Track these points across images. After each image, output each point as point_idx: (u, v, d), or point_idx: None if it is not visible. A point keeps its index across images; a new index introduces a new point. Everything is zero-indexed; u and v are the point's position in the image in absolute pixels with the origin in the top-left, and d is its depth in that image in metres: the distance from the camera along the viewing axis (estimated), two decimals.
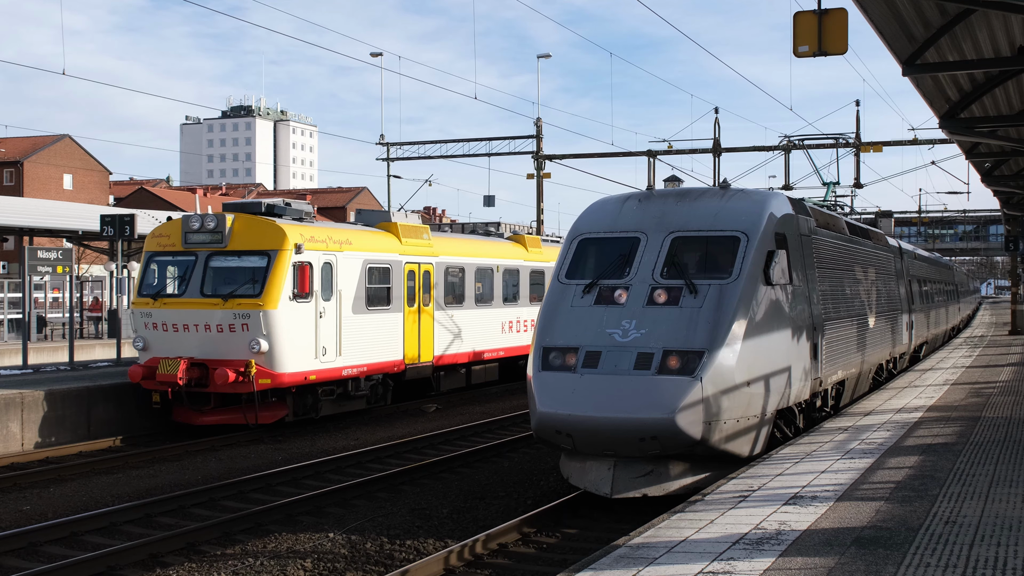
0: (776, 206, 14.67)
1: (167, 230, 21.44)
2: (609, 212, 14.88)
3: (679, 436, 12.11)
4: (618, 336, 12.95)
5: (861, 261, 20.03)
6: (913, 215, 76.59)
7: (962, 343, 37.87)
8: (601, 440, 12.41)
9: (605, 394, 12.41)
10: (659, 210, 14.43)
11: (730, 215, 14.10)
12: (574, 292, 13.85)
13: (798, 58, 13.58)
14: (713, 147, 42.40)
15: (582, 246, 14.60)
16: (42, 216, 40.33)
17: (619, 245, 14.20)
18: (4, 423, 19.08)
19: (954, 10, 13.70)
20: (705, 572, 7.36)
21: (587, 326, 13.27)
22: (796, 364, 14.36)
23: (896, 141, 41.31)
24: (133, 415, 21.51)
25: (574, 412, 12.46)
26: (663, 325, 12.89)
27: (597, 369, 12.70)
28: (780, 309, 13.95)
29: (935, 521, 8.87)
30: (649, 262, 13.74)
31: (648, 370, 12.45)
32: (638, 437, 12.16)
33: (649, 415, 12.07)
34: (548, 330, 13.54)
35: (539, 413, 12.79)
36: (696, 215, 14.18)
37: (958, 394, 19.47)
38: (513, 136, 46.94)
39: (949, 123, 19.08)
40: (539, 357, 13.24)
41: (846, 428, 14.97)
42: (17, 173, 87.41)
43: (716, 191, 14.84)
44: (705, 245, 13.88)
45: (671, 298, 13.16)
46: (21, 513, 14.60)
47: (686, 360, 12.46)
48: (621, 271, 13.83)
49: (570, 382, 12.74)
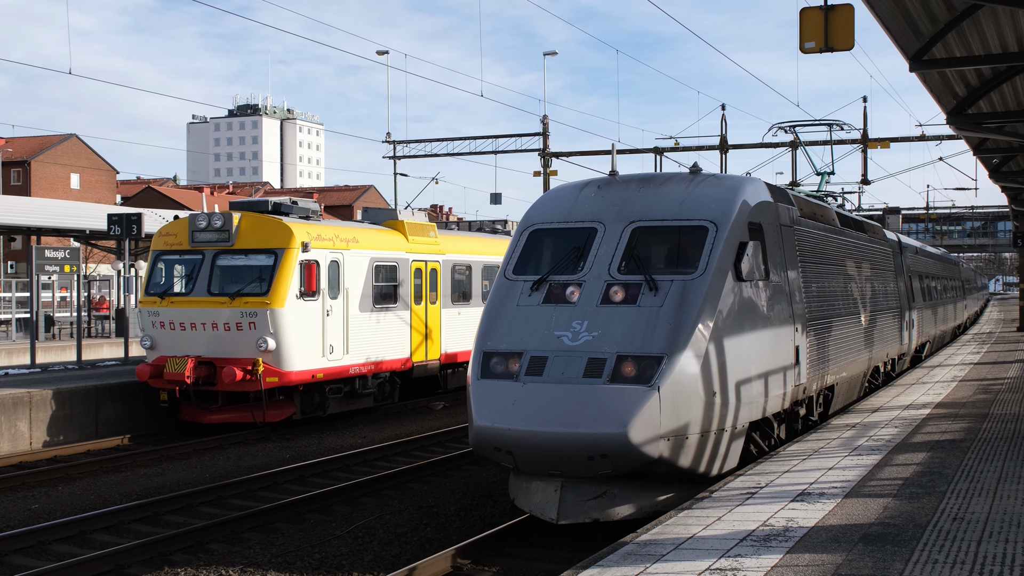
0: (750, 193, 13.23)
1: (174, 229, 21.48)
2: (565, 200, 13.42)
3: (633, 454, 10.74)
4: (567, 339, 11.57)
5: (853, 255, 18.60)
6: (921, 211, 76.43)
7: (970, 339, 37.80)
8: (545, 458, 11.04)
9: (550, 406, 11.04)
10: (619, 197, 13.00)
11: (697, 203, 12.65)
12: (521, 290, 12.43)
13: (805, 54, 13.54)
14: (720, 144, 42.34)
15: (533, 238, 13.14)
16: (49, 215, 40.44)
17: (573, 237, 12.75)
18: (12, 422, 19.13)
19: (961, 5, 13.66)
20: (713, 569, 7.35)
21: (533, 328, 11.87)
22: (773, 369, 12.99)
23: (903, 137, 41.19)
24: (141, 414, 21.55)
25: (514, 426, 11.06)
26: (618, 327, 11.50)
27: (542, 377, 11.30)
28: (754, 308, 12.55)
29: (943, 518, 8.85)
30: (606, 255, 12.31)
31: (599, 378, 11.06)
32: (586, 455, 10.78)
33: (598, 430, 10.71)
34: (490, 332, 12.16)
35: (476, 427, 11.40)
36: (660, 203, 12.74)
37: (966, 391, 19.43)
38: (520, 134, 46.93)
39: (956, 119, 19.02)
40: (478, 363, 11.86)
41: (854, 425, 14.95)
42: (25, 173, 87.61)
43: (684, 176, 13.42)
44: (669, 236, 12.48)
45: (628, 296, 11.77)
46: (30, 512, 14.63)
47: (643, 367, 11.08)
48: (574, 266, 12.39)
49: (511, 392, 11.35)
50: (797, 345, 13.86)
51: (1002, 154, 25.37)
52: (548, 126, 46.11)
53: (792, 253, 14.32)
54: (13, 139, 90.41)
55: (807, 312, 14.50)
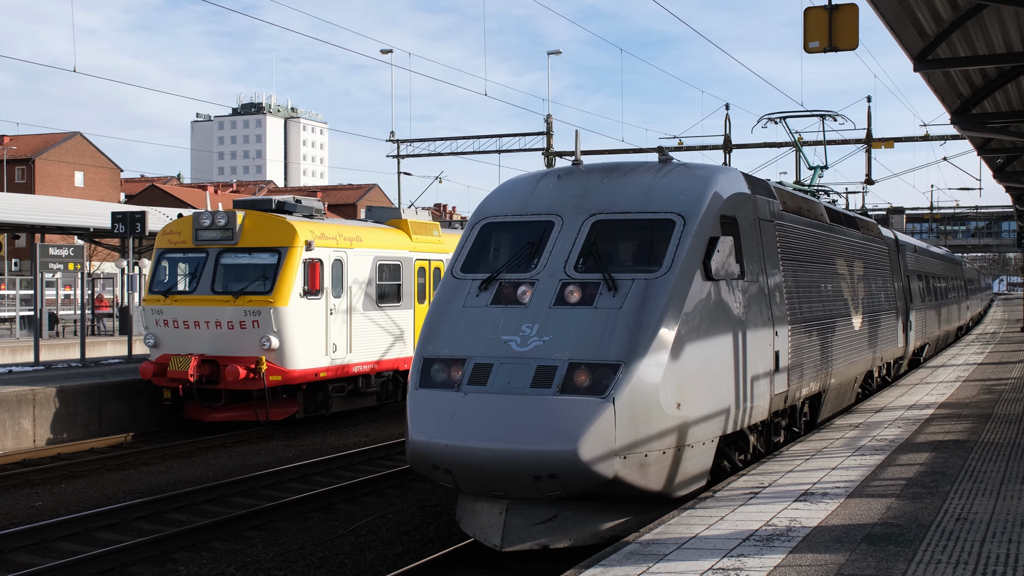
0: (724, 183, 12.07)
1: (178, 227, 21.49)
2: (521, 191, 12.29)
3: (584, 473, 9.66)
4: (515, 345, 10.50)
5: (844, 253, 17.42)
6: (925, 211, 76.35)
7: (974, 340, 37.75)
8: (487, 478, 9.96)
9: (492, 419, 9.98)
10: (580, 188, 11.90)
11: (664, 194, 11.55)
12: (468, 289, 11.35)
13: (809, 54, 13.53)
14: (724, 143, 42.32)
15: (484, 233, 12.05)
16: (54, 213, 40.48)
17: (528, 231, 11.66)
18: (16, 419, 19.15)
19: (966, 5, 13.64)
20: (716, 568, 7.35)
21: (479, 332, 10.80)
22: (749, 377, 11.88)
23: (907, 137, 41.18)
24: (144, 412, 21.57)
25: (453, 442, 10.00)
26: (572, 331, 10.42)
27: (486, 387, 10.24)
28: (726, 309, 11.44)
29: (946, 518, 8.84)
30: (562, 252, 11.21)
31: (548, 388, 9.99)
32: (532, 475, 9.71)
33: (545, 447, 9.64)
34: (431, 336, 11.08)
35: (411, 442, 10.36)
36: (623, 194, 11.67)
37: (969, 391, 19.40)
38: (524, 133, 46.96)
39: (961, 119, 18.99)
40: (417, 371, 10.82)
41: (857, 425, 14.94)
42: (29, 170, 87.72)
43: (651, 165, 12.23)
44: (632, 231, 11.44)
45: (585, 297, 10.69)
46: (33, 509, 14.65)
47: (597, 376, 10.01)
48: (528, 263, 11.30)
49: (451, 403, 10.28)
50: (777, 350, 12.78)
51: (1006, 154, 25.33)
52: (552, 125, 46.11)
53: (773, 250, 13.27)
54: (17, 137, 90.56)
55: (789, 314, 13.44)
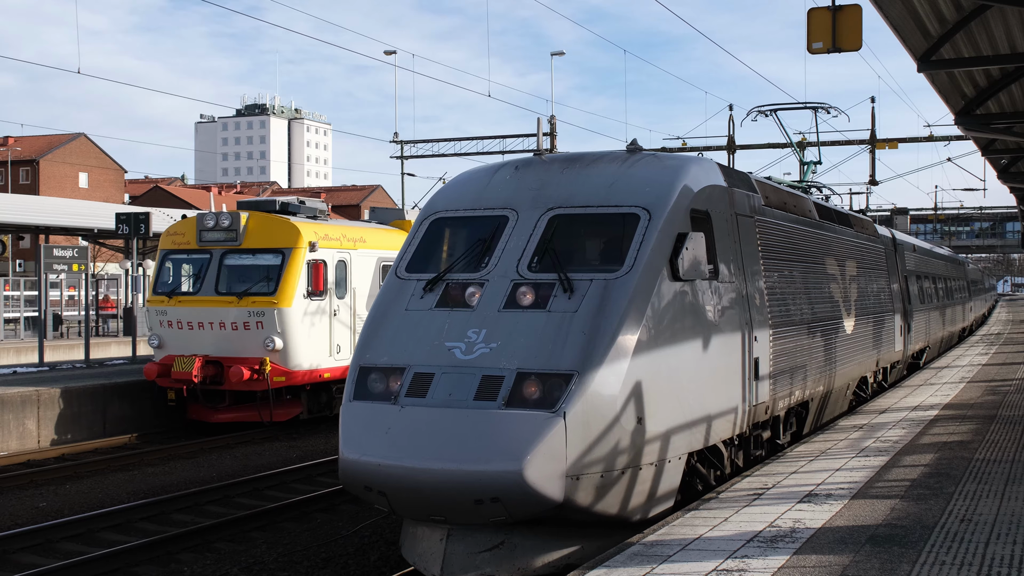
0: (696, 175, 11.06)
1: (182, 228, 21.51)
2: (475, 184, 11.31)
3: (530, 497, 8.70)
4: (459, 352, 9.55)
5: (835, 252, 16.43)
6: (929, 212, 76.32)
7: (978, 340, 37.70)
8: (424, 502, 9.02)
9: (430, 435, 9.06)
10: (538, 180, 10.88)
11: (629, 186, 10.56)
12: (412, 291, 10.37)
13: (812, 55, 13.52)
14: (728, 144, 42.32)
15: (434, 229, 11.07)
16: (58, 214, 40.48)
17: (481, 227, 10.69)
18: (21, 420, 19.17)
19: (969, 6, 13.63)
20: (719, 570, 7.34)
21: (421, 338, 9.85)
22: (723, 387, 10.91)
23: (911, 138, 41.18)
24: (148, 413, 21.59)
25: (386, 461, 9.06)
26: (522, 337, 9.45)
27: (425, 399, 9.31)
28: (696, 312, 10.45)
29: (951, 519, 8.83)
30: (516, 249, 10.23)
31: (493, 401, 9.05)
32: (473, 498, 8.78)
33: (487, 467, 8.71)
34: (370, 343, 10.11)
35: (342, 460, 9.41)
36: (585, 186, 10.65)
37: (974, 392, 19.38)
38: (528, 134, 46.90)
39: (965, 120, 18.99)
40: (353, 381, 9.88)
41: (861, 426, 14.92)
42: (33, 172, 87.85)
43: (618, 155, 11.23)
44: (593, 226, 10.49)
45: (539, 299, 9.73)
46: (37, 510, 14.67)
47: (548, 387, 9.07)
48: (478, 262, 10.33)
49: (386, 418, 9.36)
50: (756, 357, 11.81)
51: (1011, 155, 25.33)
52: (556, 126, 46.10)
53: (752, 248, 12.28)
54: (22, 138, 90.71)
55: (771, 317, 12.46)
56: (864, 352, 17.72)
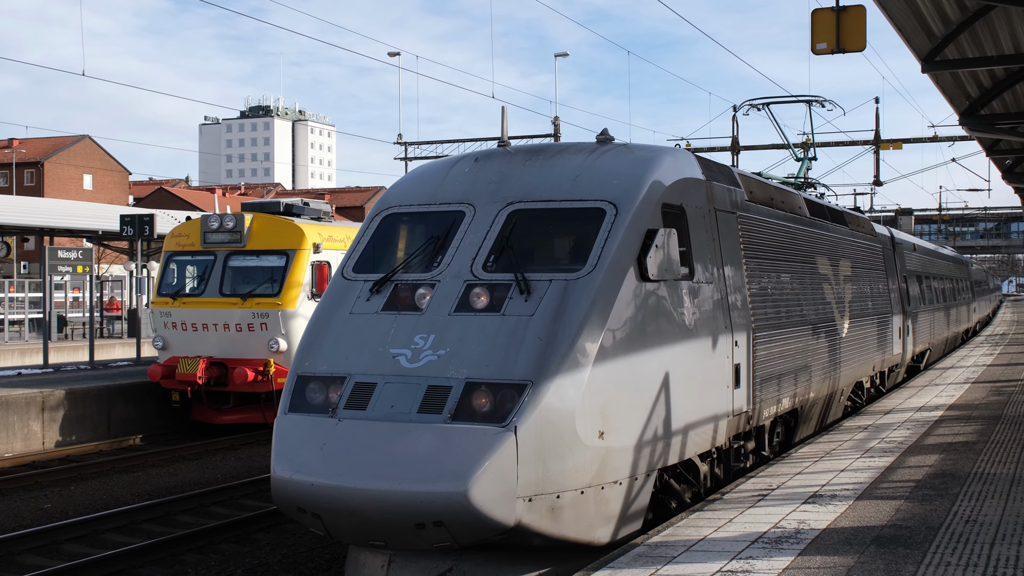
0: (669, 166, 10.25)
1: (186, 230, 21.53)
2: (431, 178, 10.51)
3: (477, 521, 7.96)
4: (405, 360, 8.81)
5: (827, 251, 15.66)
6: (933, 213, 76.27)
7: (983, 341, 37.65)
8: (362, 525, 8.31)
9: (368, 452, 8.33)
10: (498, 173, 10.11)
11: (595, 178, 9.79)
12: (358, 293, 9.65)
13: (816, 55, 13.51)
14: (732, 145, 42.28)
15: (385, 226, 10.33)
16: (62, 216, 40.56)
17: (435, 223, 9.93)
18: (25, 422, 19.19)
19: (974, 6, 13.61)
20: (724, 571, 7.33)
21: (365, 344, 9.11)
22: (698, 396, 10.14)
23: (916, 138, 41.09)
24: (152, 414, 21.60)
25: (319, 480, 8.31)
26: (473, 343, 8.71)
27: (365, 411, 8.58)
28: (667, 315, 9.65)
29: (955, 520, 8.82)
30: (470, 247, 9.48)
31: (438, 414, 8.33)
32: (414, 522, 8.05)
33: (429, 488, 7.95)
34: (310, 350, 9.37)
35: (273, 479, 8.66)
36: (548, 179, 9.87)
37: (979, 392, 19.35)
38: (531, 135, 46.93)
39: (969, 120, 18.96)
40: (290, 392, 9.16)
41: (865, 427, 14.91)
42: (38, 173, 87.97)
43: (585, 146, 10.47)
44: (555, 222, 9.72)
45: (493, 301, 8.98)
46: (42, 511, 14.68)
47: (499, 398, 8.33)
48: (431, 261, 9.59)
49: (322, 432, 8.61)
50: (737, 363, 11.05)
51: (1015, 155, 25.29)
52: (559, 127, 46.10)
53: (733, 246, 11.50)
54: (27, 140, 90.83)
55: (754, 320, 11.68)
56: (859, 356, 17.02)
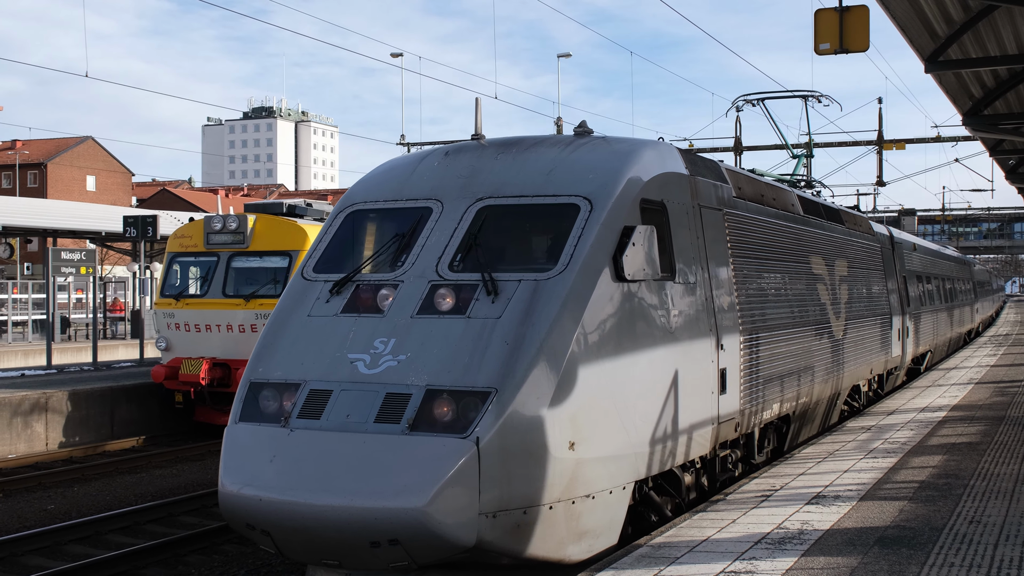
0: (649, 160, 9.74)
1: (189, 231, 21.54)
2: (399, 173, 10.01)
3: (435, 539, 7.43)
4: (363, 365, 8.30)
5: (822, 250, 15.14)
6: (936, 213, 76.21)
7: (986, 342, 37.62)
8: (313, 544, 7.81)
9: (321, 465, 7.80)
10: (469, 167, 9.62)
11: (570, 173, 9.28)
12: (317, 294, 9.13)
13: (820, 56, 13.50)
14: (735, 145, 42.23)
15: (349, 223, 9.83)
16: (65, 217, 40.62)
17: (401, 220, 9.42)
18: (29, 423, 19.20)
19: (977, 6, 13.60)
20: (727, 571, 7.32)
21: (322, 349, 8.59)
22: (680, 403, 9.58)
23: (919, 139, 41.00)
24: (156, 415, 21.61)
25: (268, 495, 7.79)
26: (436, 347, 8.20)
27: (319, 421, 8.07)
28: (645, 318, 9.10)
29: (959, 520, 8.80)
30: (437, 246, 8.98)
31: (397, 424, 7.82)
32: (368, 540, 7.55)
33: (384, 503, 7.43)
34: (264, 355, 8.86)
35: (221, 493, 8.16)
36: (520, 173, 9.37)
37: (982, 393, 19.33)
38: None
39: (973, 120, 18.95)
40: (242, 399, 8.68)
41: (869, 428, 14.89)
42: (41, 175, 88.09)
43: (561, 139, 9.97)
44: (526, 218, 9.21)
45: (459, 303, 8.47)
46: (45, 512, 14.69)
47: (462, 407, 7.81)
48: (394, 261, 9.10)
49: (273, 443, 8.10)
50: (723, 368, 10.53)
51: (1019, 155, 25.27)
52: (562, 128, 46.10)
53: (720, 244, 10.97)
54: (30, 141, 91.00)
55: (742, 323, 11.17)
56: (856, 359, 16.51)
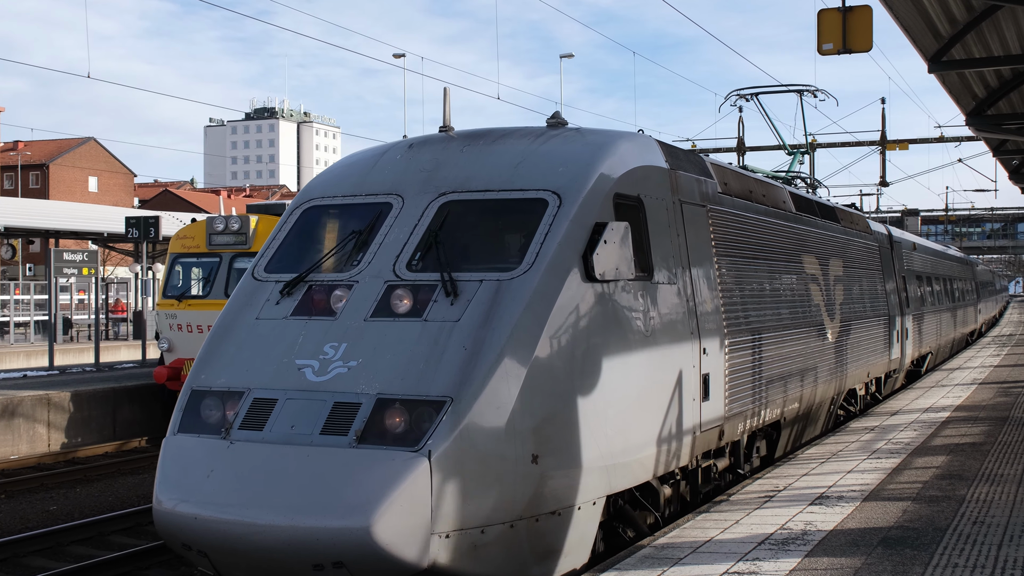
0: (626, 153, 9.18)
1: (191, 232, 21.54)
2: (360, 166, 9.44)
3: (383, 562, 6.84)
4: (311, 372, 7.72)
5: (815, 249, 14.51)
6: (940, 213, 76.13)
7: (990, 342, 37.58)
8: (254, 566, 7.19)
9: (262, 481, 7.19)
10: (433, 160, 9.04)
11: (539, 166, 8.70)
12: (268, 295, 8.54)
13: (823, 56, 13.48)
14: (737, 146, 42.22)
15: (305, 220, 9.25)
16: (67, 218, 40.60)
17: (359, 216, 8.83)
18: (31, 424, 19.20)
19: (980, 6, 13.58)
20: (730, 572, 7.30)
21: (269, 354, 8.01)
22: (657, 411, 8.99)
23: (922, 139, 41.02)
24: (158, 416, 21.59)
25: (205, 513, 7.18)
26: (389, 352, 7.63)
27: (262, 432, 7.47)
28: (619, 320, 8.50)
29: (963, 521, 8.78)
30: (395, 243, 8.40)
31: (344, 435, 7.22)
32: (311, 563, 6.96)
33: (327, 523, 6.83)
34: (208, 361, 8.26)
35: (155, 511, 7.55)
36: (486, 167, 8.79)
37: (986, 393, 19.30)
38: None
39: (976, 120, 18.93)
40: (181, 409, 8.04)
41: (872, 428, 14.87)
42: (43, 176, 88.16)
43: (532, 130, 9.35)
44: (491, 215, 8.62)
45: (417, 305, 7.89)
46: (48, 513, 14.69)
47: (415, 417, 7.22)
48: (350, 259, 8.52)
49: (212, 457, 7.50)
50: (706, 373, 9.92)
51: (1022, 155, 25.24)
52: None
53: (703, 242, 10.37)
54: (32, 142, 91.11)
55: (727, 325, 10.59)
56: (851, 361, 16.00)
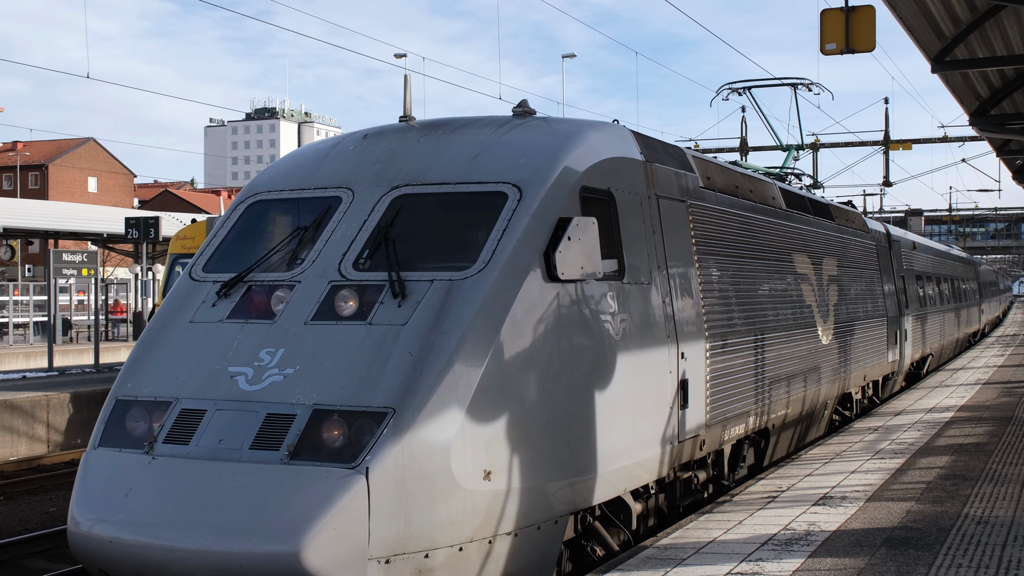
0: (595, 143, 8.62)
1: (191, 232, 21.50)
2: (310, 159, 8.90)
3: None
4: (244, 380, 7.13)
5: (807, 248, 13.96)
6: (943, 213, 76.12)
7: (993, 342, 37.55)
8: None
9: (183, 501, 6.61)
10: (387, 151, 8.52)
11: (500, 157, 8.14)
12: (204, 297, 7.95)
13: (825, 56, 13.45)
14: (740, 146, 42.21)
15: (249, 216, 8.65)
16: (67, 219, 40.64)
17: (306, 211, 8.27)
18: (30, 425, 19.16)
19: (983, 6, 13.54)
20: (734, 573, 7.26)
21: (201, 361, 7.42)
22: (630, 420, 8.44)
23: (926, 139, 40.99)
24: None
25: (120, 535, 6.57)
26: (329, 359, 7.05)
27: (188, 447, 6.89)
28: (584, 323, 7.90)
29: (967, 522, 8.74)
30: (342, 240, 7.82)
31: (275, 450, 6.65)
32: None
33: (253, 548, 6.24)
34: (136, 367, 7.67)
35: (70, 532, 6.94)
36: (443, 158, 8.25)
37: (990, 393, 19.26)
38: None
39: (979, 120, 18.89)
40: (104, 420, 7.46)
41: (876, 428, 14.83)
42: (42, 176, 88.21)
43: (495, 120, 8.82)
44: (447, 209, 8.03)
45: (363, 307, 7.32)
46: (47, 515, 14.66)
47: (354, 430, 6.64)
48: (294, 258, 7.94)
49: (131, 473, 6.92)
50: (685, 378, 9.34)
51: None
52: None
53: (683, 240, 9.79)
54: (31, 143, 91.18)
55: (708, 328, 9.98)
56: (847, 364, 15.45)
